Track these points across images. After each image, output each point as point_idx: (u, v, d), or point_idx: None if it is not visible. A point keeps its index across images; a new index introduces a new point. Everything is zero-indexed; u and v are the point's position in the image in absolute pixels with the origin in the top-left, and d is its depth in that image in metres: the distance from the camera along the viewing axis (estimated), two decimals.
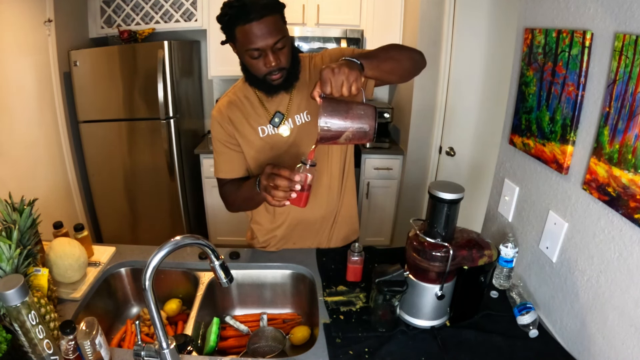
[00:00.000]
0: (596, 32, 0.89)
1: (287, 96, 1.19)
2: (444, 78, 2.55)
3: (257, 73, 1.09)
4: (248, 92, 1.21)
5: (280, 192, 0.94)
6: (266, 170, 0.98)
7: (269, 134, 1.21)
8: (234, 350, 1.16)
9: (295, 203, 0.96)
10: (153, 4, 2.76)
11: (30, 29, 2.25)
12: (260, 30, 0.99)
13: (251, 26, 0.98)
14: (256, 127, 1.20)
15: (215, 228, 3.06)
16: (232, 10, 1.00)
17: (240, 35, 1.01)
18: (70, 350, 0.82)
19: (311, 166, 0.94)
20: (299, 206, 0.97)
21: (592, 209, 0.92)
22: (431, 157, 2.76)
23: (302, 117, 1.20)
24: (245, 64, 1.09)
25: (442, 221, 0.96)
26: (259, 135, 1.21)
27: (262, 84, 1.12)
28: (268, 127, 1.20)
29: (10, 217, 0.99)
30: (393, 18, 2.76)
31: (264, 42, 1.01)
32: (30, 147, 2.31)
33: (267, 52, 1.03)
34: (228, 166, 1.26)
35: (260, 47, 1.01)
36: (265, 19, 0.99)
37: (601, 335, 0.89)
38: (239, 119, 1.20)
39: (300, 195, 0.95)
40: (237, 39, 1.03)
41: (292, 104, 1.20)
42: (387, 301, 1.01)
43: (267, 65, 1.04)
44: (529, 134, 1.14)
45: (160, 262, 0.77)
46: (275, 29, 1.01)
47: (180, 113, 2.71)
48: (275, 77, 1.08)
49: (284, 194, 0.94)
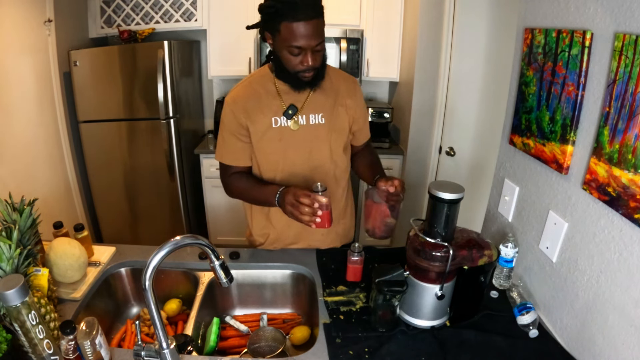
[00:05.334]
0: (596, 32, 0.89)
1: (305, 94, 1.24)
2: (444, 78, 2.55)
3: (291, 68, 1.14)
4: (267, 84, 1.25)
5: (306, 217, 1.07)
6: (288, 199, 1.10)
7: (281, 125, 1.24)
8: (234, 350, 1.16)
9: (321, 225, 1.09)
10: (153, 4, 2.76)
11: (30, 29, 2.25)
12: (307, 31, 1.05)
13: (299, 25, 1.04)
14: (270, 117, 1.24)
15: (215, 228, 3.06)
16: (281, 5, 1.04)
17: (285, 30, 1.06)
18: (70, 350, 0.82)
19: (323, 192, 1.08)
20: (325, 227, 1.10)
21: (592, 209, 0.92)
22: (431, 157, 2.76)
23: (317, 118, 1.26)
24: (282, 57, 1.14)
25: (442, 221, 0.96)
26: (271, 125, 1.24)
27: (291, 78, 1.18)
28: (281, 119, 1.24)
29: (10, 217, 0.99)
30: (393, 18, 2.76)
31: (307, 42, 1.07)
32: (30, 147, 2.31)
33: (307, 51, 1.09)
34: (232, 155, 1.28)
35: (302, 46, 1.08)
36: (312, 21, 1.05)
37: (601, 335, 0.89)
38: (254, 108, 1.23)
39: (323, 217, 1.08)
40: (280, 33, 1.08)
41: (308, 102, 1.25)
42: (387, 301, 1.01)
43: (304, 64, 1.11)
44: (529, 133, 1.14)
45: (160, 262, 0.77)
46: (319, 32, 1.08)
47: (180, 113, 2.70)
48: (308, 75, 1.15)
49: (310, 218, 1.07)
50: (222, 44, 2.81)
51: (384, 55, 2.84)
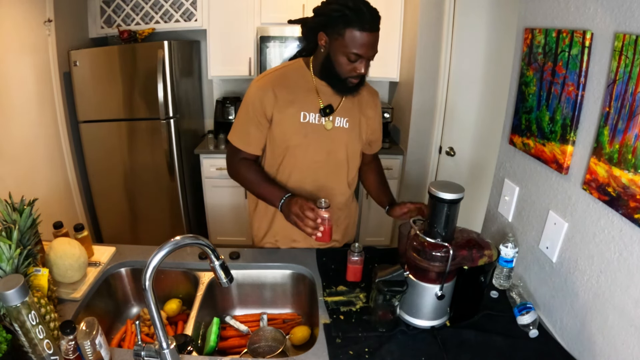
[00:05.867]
0: (596, 32, 0.89)
1: (339, 97, 1.28)
2: (444, 78, 2.55)
3: (342, 73, 1.17)
4: (305, 77, 1.27)
5: (309, 229, 1.13)
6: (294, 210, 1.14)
7: (309, 121, 1.26)
8: (234, 350, 1.16)
9: (321, 239, 1.16)
10: (153, 4, 2.76)
11: (30, 29, 2.25)
12: (370, 42, 1.11)
13: (364, 34, 1.09)
14: (299, 111, 1.25)
15: (215, 228, 3.06)
16: (349, 12, 1.08)
17: (350, 37, 1.10)
18: (70, 350, 0.82)
19: (326, 208, 1.13)
20: (325, 241, 1.17)
21: (592, 209, 0.92)
22: (431, 157, 2.76)
23: (342, 122, 1.30)
24: (335, 61, 1.16)
25: (442, 221, 0.96)
26: (299, 119, 1.25)
27: (338, 82, 1.21)
28: (310, 115, 1.26)
29: (10, 217, 0.99)
30: (393, 18, 2.76)
31: (366, 52, 1.12)
32: (30, 147, 2.31)
33: (364, 60, 1.15)
34: (245, 139, 1.29)
35: (362, 55, 1.12)
36: (375, 33, 1.12)
37: (601, 335, 0.89)
38: (285, 96, 1.24)
39: (324, 232, 1.14)
40: (343, 38, 1.11)
41: (340, 106, 1.29)
42: (387, 301, 1.01)
43: (357, 71, 1.16)
44: (529, 133, 1.14)
45: (160, 262, 0.77)
46: (377, 44, 1.14)
47: (180, 113, 2.70)
48: (355, 81, 1.20)
49: (312, 231, 1.13)
50: (222, 44, 2.81)
51: (384, 55, 2.81)
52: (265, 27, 2.75)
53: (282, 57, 2.81)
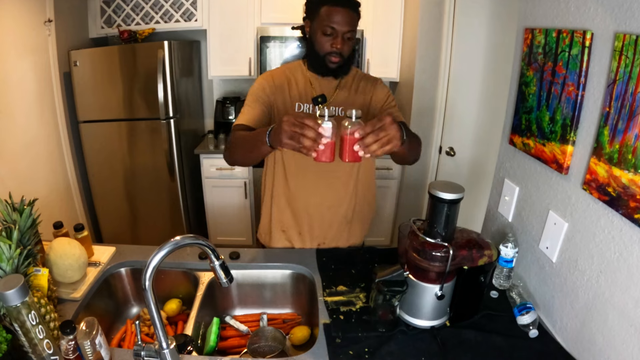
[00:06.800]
0: (596, 32, 0.89)
1: (334, 88, 1.34)
2: (444, 78, 2.55)
3: (321, 49, 1.25)
4: (298, 72, 1.36)
5: (308, 142, 0.90)
6: (288, 118, 0.92)
7: (303, 111, 1.33)
8: (234, 350, 1.16)
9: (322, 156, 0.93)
10: (153, 4, 2.76)
11: (30, 29, 2.25)
12: (342, 16, 1.20)
13: (337, 9, 1.20)
14: (294, 102, 1.33)
15: (215, 228, 3.06)
16: None
17: (324, 13, 1.21)
18: (70, 350, 0.82)
19: (330, 117, 0.92)
20: (328, 160, 0.94)
21: (592, 209, 0.92)
22: (431, 157, 2.76)
23: (337, 111, 1.33)
24: (315, 41, 1.26)
25: (442, 221, 0.96)
26: (294, 109, 1.33)
27: (319, 64, 1.29)
28: (305, 105, 1.33)
29: (10, 217, 0.99)
30: (393, 18, 2.75)
31: (339, 26, 1.21)
32: (30, 147, 2.31)
33: (338, 35, 1.22)
34: (250, 115, 1.29)
35: (335, 28, 1.21)
36: (348, 9, 1.21)
37: (601, 335, 0.89)
38: (283, 89, 1.33)
39: (327, 146, 0.92)
40: (320, 15, 1.22)
41: (335, 96, 1.34)
42: (387, 301, 1.01)
43: (333, 46, 1.23)
44: (529, 134, 1.14)
45: (160, 262, 0.77)
46: (352, 21, 1.22)
47: (180, 113, 2.70)
48: (335, 59, 1.26)
49: (312, 144, 0.90)
50: (222, 44, 2.81)
51: (384, 55, 2.84)
52: (266, 27, 2.75)
53: (282, 57, 2.81)
